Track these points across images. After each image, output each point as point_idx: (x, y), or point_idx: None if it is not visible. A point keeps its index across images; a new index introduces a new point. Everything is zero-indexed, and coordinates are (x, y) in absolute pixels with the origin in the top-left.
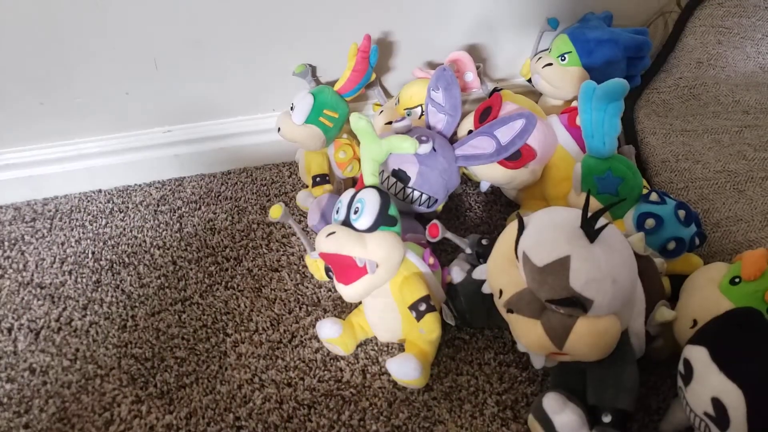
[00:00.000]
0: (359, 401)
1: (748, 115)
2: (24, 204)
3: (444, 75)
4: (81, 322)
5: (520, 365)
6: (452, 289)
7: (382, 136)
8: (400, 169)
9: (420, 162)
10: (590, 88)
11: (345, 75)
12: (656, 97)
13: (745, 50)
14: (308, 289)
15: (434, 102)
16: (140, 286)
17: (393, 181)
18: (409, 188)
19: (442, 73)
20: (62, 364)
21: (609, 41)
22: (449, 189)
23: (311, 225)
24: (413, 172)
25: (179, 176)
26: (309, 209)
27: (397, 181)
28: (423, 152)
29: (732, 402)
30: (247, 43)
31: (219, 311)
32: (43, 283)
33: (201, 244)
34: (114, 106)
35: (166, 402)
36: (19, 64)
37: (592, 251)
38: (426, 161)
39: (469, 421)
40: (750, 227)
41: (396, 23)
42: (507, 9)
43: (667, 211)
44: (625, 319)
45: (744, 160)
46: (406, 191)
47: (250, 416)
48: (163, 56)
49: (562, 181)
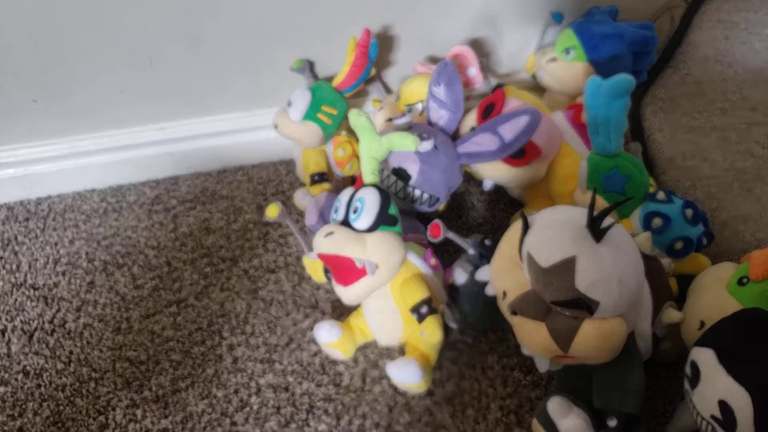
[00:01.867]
0: (359, 406)
1: (756, 111)
2: (17, 203)
3: (446, 70)
4: (75, 324)
5: (524, 369)
6: (454, 291)
7: (382, 133)
8: (400, 168)
9: (421, 160)
10: (596, 84)
11: (344, 70)
12: (663, 94)
13: (752, 46)
14: (306, 291)
15: (435, 98)
16: (134, 287)
17: (393, 180)
18: (410, 187)
19: (444, 68)
20: (56, 367)
21: (614, 36)
22: (451, 188)
23: (309, 225)
24: (414, 170)
25: (174, 175)
26: (307, 209)
27: (398, 180)
28: (424, 150)
29: (739, 405)
30: (243, 38)
31: (215, 313)
32: (37, 284)
33: (196, 245)
34: (108, 103)
35: (162, 406)
36: (11, 61)
37: (598, 251)
38: (427, 159)
39: (472, 427)
40: (758, 226)
41: (396, 17)
42: (510, 2)
43: (675, 210)
44: (632, 320)
45: (752, 157)
46: (406, 190)
47: (247, 421)
48: (158, 52)
49: (567, 178)
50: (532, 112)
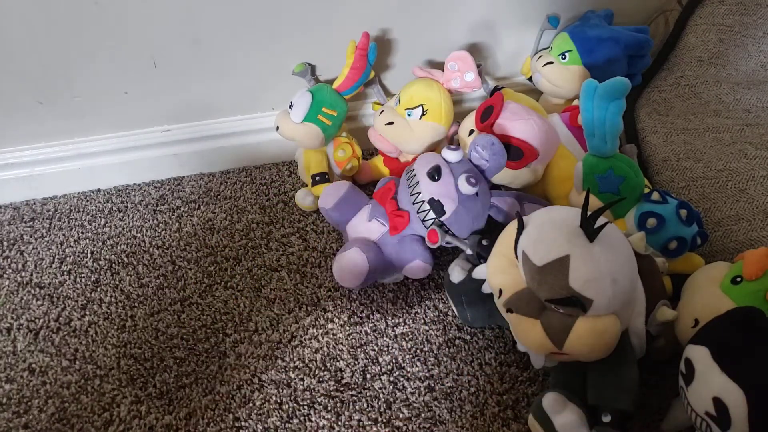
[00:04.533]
0: (359, 401)
1: (750, 113)
2: (23, 204)
3: (492, 148)
4: (80, 322)
5: (521, 365)
6: (453, 289)
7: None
8: (438, 201)
9: (460, 201)
10: (591, 87)
11: (343, 73)
12: (657, 96)
13: (746, 48)
14: (308, 289)
15: (478, 152)
16: (139, 286)
17: (427, 209)
18: (439, 221)
19: (491, 146)
20: (61, 365)
21: (610, 39)
22: (472, 231)
23: (324, 208)
24: (450, 208)
25: (178, 176)
26: (323, 192)
27: (431, 210)
28: (468, 193)
29: (733, 402)
30: (246, 41)
31: (218, 311)
32: (42, 283)
33: (200, 244)
34: (113, 105)
35: (166, 402)
36: (17, 63)
37: (591, 250)
38: (466, 203)
39: (470, 422)
40: (751, 226)
41: (395, 21)
42: (507, 7)
43: (669, 210)
44: (625, 318)
45: (745, 158)
46: (433, 221)
47: (250, 417)
48: (162, 55)
49: (564, 180)
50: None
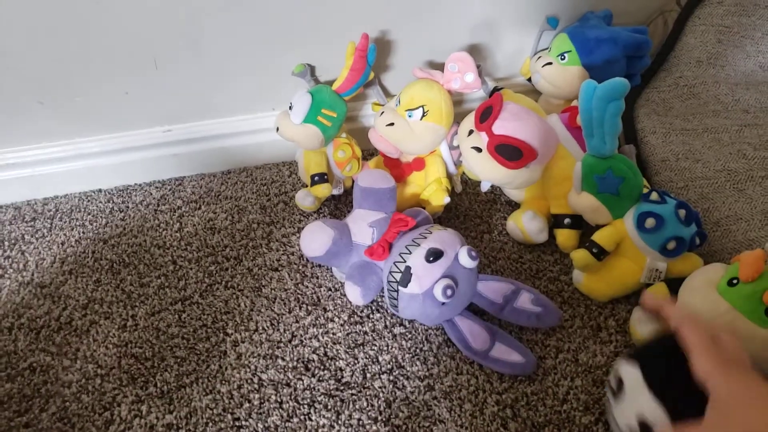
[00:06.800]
0: (359, 401)
1: (748, 113)
2: (24, 203)
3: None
4: (81, 321)
5: None
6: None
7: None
8: (411, 274)
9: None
10: (591, 87)
11: (343, 74)
12: (656, 96)
13: (744, 49)
14: (308, 289)
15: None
16: (140, 285)
17: (399, 270)
18: (395, 289)
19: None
20: (62, 364)
21: (609, 40)
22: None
23: (311, 256)
24: (414, 292)
25: (179, 176)
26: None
27: (400, 274)
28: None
29: (657, 423)
30: (246, 42)
31: (219, 311)
32: (44, 282)
33: (201, 244)
34: (114, 105)
35: (166, 401)
36: (17, 63)
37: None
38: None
39: (470, 421)
40: (750, 226)
41: (395, 22)
42: (507, 8)
43: (668, 210)
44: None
45: (744, 159)
46: (392, 284)
47: (250, 416)
48: (163, 55)
49: (563, 180)
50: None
